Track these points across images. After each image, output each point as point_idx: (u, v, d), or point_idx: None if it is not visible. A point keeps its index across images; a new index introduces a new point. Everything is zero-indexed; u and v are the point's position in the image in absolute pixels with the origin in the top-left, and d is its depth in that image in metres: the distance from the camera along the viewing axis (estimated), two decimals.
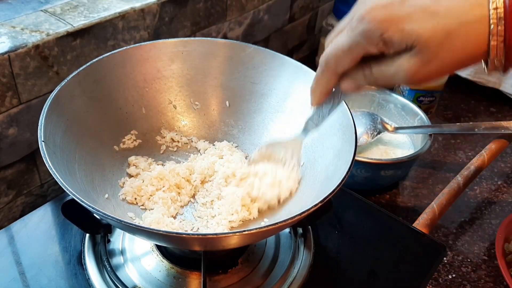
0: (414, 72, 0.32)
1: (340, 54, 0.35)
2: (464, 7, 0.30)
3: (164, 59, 0.59)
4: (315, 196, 0.48)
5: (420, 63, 0.31)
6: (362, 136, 0.75)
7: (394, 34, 0.31)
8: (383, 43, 0.32)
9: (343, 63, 0.36)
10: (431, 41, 0.30)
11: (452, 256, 0.66)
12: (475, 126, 0.75)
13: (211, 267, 0.51)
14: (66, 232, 0.55)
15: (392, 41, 0.32)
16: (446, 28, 0.30)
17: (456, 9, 0.30)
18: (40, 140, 0.43)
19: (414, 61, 0.31)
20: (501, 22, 0.29)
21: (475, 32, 0.30)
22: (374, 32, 0.32)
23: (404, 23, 0.30)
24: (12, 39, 0.56)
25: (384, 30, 0.31)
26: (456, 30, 0.30)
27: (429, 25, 0.30)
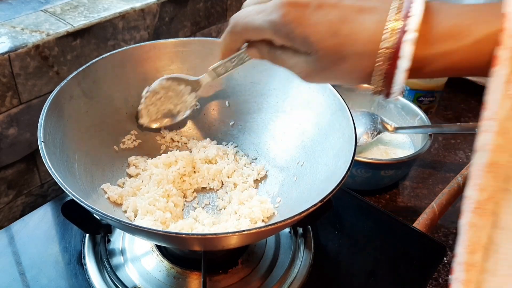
0: (306, 74, 0.35)
1: (248, 28, 0.36)
2: (362, 38, 0.31)
3: (164, 59, 0.59)
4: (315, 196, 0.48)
5: (312, 69, 0.34)
6: (362, 136, 0.75)
7: (297, 38, 0.33)
8: (287, 40, 0.34)
9: (248, 35, 0.38)
10: (325, 58, 0.32)
11: (452, 256, 0.66)
12: (475, 126, 0.75)
13: (211, 267, 0.51)
14: (66, 232, 0.55)
15: (294, 42, 0.33)
16: (341, 52, 0.32)
17: (355, 38, 0.31)
18: (39, 140, 0.43)
19: (307, 66, 0.34)
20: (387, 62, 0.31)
21: (363, 63, 0.32)
22: (281, 29, 0.33)
23: (309, 33, 0.32)
24: (12, 39, 0.56)
25: (290, 31, 0.33)
26: (348, 56, 0.32)
27: (328, 43, 0.32)
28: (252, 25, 0.36)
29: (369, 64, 0.31)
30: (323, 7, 0.32)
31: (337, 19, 0.32)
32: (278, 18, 0.33)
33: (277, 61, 0.37)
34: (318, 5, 0.32)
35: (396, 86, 0.32)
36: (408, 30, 0.30)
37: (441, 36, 0.30)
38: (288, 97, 0.59)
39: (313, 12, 0.32)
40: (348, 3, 0.32)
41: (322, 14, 0.32)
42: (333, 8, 0.32)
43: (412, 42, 0.30)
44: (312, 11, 0.32)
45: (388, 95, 0.33)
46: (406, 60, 0.30)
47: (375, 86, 0.33)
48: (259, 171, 0.58)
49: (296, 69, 0.36)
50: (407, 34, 0.30)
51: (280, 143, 0.58)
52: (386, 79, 0.32)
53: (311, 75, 0.35)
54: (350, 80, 0.34)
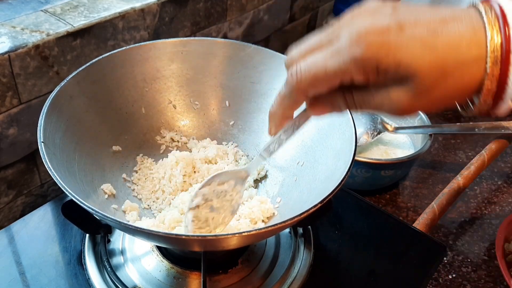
0: (404, 106, 0.31)
1: (321, 77, 0.31)
2: (462, 45, 0.29)
3: (164, 59, 0.59)
4: (315, 196, 0.48)
5: (412, 97, 0.30)
6: (362, 136, 0.75)
7: (390, 65, 0.29)
8: (375, 74, 0.30)
9: (320, 88, 0.32)
10: (427, 78, 0.29)
11: (452, 256, 0.65)
12: (475, 126, 0.75)
13: (211, 267, 0.51)
14: (66, 232, 0.55)
15: (386, 72, 0.29)
16: (443, 65, 0.29)
17: (454, 46, 0.29)
18: (39, 141, 0.43)
19: (406, 95, 0.30)
20: (497, 64, 0.28)
21: (470, 71, 0.29)
22: (369, 61, 0.29)
23: (402, 54, 0.29)
24: (12, 39, 0.56)
25: (381, 60, 0.29)
26: (452, 68, 0.29)
27: (426, 60, 0.29)
28: (326, 72, 0.30)
29: (477, 71, 0.29)
30: (406, 27, 0.29)
31: (427, 34, 0.29)
32: (361, 52, 0.29)
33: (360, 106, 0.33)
34: (399, 26, 0.29)
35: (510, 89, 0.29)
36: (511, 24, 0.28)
37: None
38: None
39: (398, 34, 0.29)
40: (428, 17, 0.29)
41: (409, 33, 0.29)
42: (416, 25, 0.29)
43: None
44: (397, 34, 0.29)
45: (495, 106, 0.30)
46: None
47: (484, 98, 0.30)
48: (259, 171, 0.58)
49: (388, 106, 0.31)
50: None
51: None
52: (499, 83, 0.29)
53: (408, 106, 0.30)
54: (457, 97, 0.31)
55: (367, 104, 0.32)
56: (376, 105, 0.32)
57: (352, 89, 0.32)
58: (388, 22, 0.29)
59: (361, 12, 0.31)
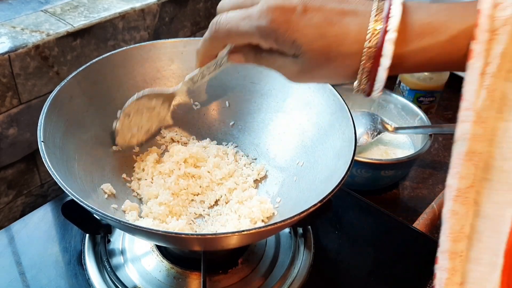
0: (293, 75, 0.37)
1: (232, 33, 0.37)
2: (347, 39, 0.33)
3: (164, 59, 0.59)
4: (315, 196, 0.48)
5: (300, 70, 0.36)
6: (362, 136, 0.75)
7: (286, 42, 0.34)
8: (275, 44, 0.35)
9: (231, 40, 0.39)
10: (314, 59, 0.34)
11: None
12: None
13: (211, 267, 0.51)
14: (66, 232, 0.55)
15: (282, 45, 0.35)
16: (328, 53, 0.33)
17: (341, 39, 0.33)
18: (39, 140, 0.43)
19: (295, 67, 0.36)
20: (370, 60, 0.33)
21: (348, 63, 0.34)
22: (270, 33, 0.34)
23: (298, 36, 0.34)
24: (12, 39, 0.56)
25: (279, 35, 0.34)
26: (334, 57, 0.34)
27: (316, 45, 0.33)
28: (237, 31, 0.37)
29: (354, 63, 0.33)
30: (309, 11, 0.34)
31: (323, 22, 0.33)
32: (266, 23, 0.34)
33: (263, 63, 0.39)
34: (304, 9, 0.34)
35: (378, 83, 0.34)
36: (389, 30, 0.32)
37: (418, 33, 0.32)
38: (288, 97, 0.59)
39: (299, 16, 0.34)
40: (331, 6, 0.34)
41: (309, 17, 0.33)
42: (318, 11, 0.34)
43: (392, 42, 0.32)
44: (299, 16, 0.34)
45: (370, 92, 0.35)
46: (388, 58, 0.32)
47: (358, 83, 0.34)
48: (259, 171, 0.58)
49: (283, 70, 0.37)
50: (388, 34, 0.32)
51: (280, 143, 0.58)
52: (370, 76, 0.34)
53: (298, 76, 0.37)
54: (335, 79, 0.36)
55: (271, 64, 0.38)
56: (277, 67, 0.38)
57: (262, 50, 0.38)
58: (295, 3, 0.34)
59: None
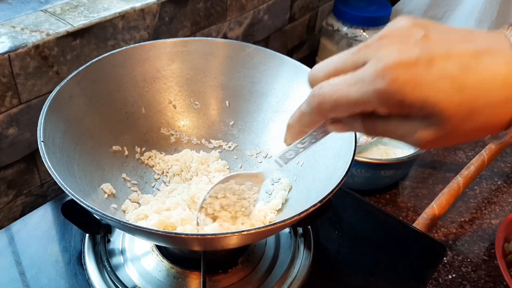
0: (429, 142, 0.29)
1: (342, 103, 0.30)
2: (494, 84, 0.27)
3: (164, 59, 0.59)
4: (315, 196, 0.48)
5: (436, 135, 0.29)
6: (362, 136, 0.75)
7: (415, 102, 0.27)
8: (399, 108, 0.28)
9: (341, 112, 0.31)
10: (454, 117, 0.27)
11: (452, 256, 0.65)
12: None
13: (211, 267, 0.51)
14: (66, 232, 0.55)
15: (410, 108, 0.28)
16: (472, 107, 0.27)
17: (486, 86, 0.27)
18: (39, 140, 0.43)
19: (430, 132, 0.29)
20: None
21: (501, 112, 0.28)
22: (394, 96, 0.27)
23: (429, 92, 0.27)
24: (12, 39, 0.56)
25: (405, 96, 0.27)
26: (482, 109, 0.27)
27: (455, 99, 0.27)
28: (347, 100, 0.29)
29: (506, 112, 0.27)
30: (436, 61, 0.27)
31: (458, 71, 0.27)
32: (386, 85, 0.27)
33: (378, 132, 0.32)
34: (429, 59, 0.27)
35: None
36: None
37: None
38: (288, 97, 0.59)
39: (426, 69, 0.27)
40: (460, 50, 0.28)
41: (439, 68, 0.27)
42: (447, 59, 0.27)
43: None
44: (426, 69, 0.27)
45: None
46: None
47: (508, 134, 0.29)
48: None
49: (410, 138, 0.30)
50: None
51: (280, 143, 0.58)
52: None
53: (436, 141, 0.29)
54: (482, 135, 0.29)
55: (388, 133, 0.31)
56: (398, 136, 0.31)
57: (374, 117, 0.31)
58: (417, 55, 0.27)
59: (390, 35, 0.29)
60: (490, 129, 0.29)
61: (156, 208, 0.50)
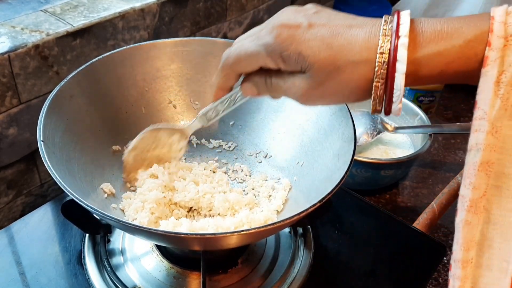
0: (302, 93, 0.36)
1: (241, 57, 0.37)
2: (355, 47, 0.33)
3: (164, 59, 0.59)
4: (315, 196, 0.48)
5: (308, 86, 0.35)
6: (362, 136, 0.75)
7: (291, 55, 0.34)
8: (281, 60, 0.35)
9: (242, 66, 0.39)
10: (321, 71, 0.34)
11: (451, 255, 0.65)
12: None
13: (211, 267, 0.51)
14: (66, 232, 0.55)
15: (289, 60, 0.35)
16: (335, 62, 0.33)
17: (349, 47, 0.33)
18: (39, 140, 0.43)
19: (304, 84, 0.35)
20: (384, 66, 0.32)
21: (360, 71, 0.33)
22: (275, 48, 0.35)
23: (302, 48, 0.34)
24: (12, 39, 0.56)
25: (284, 49, 0.34)
26: (343, 66, 0.33)
27: (322, 55, 0.33)
28: (244, 53, 0.37)
29: (366, 71, 0.33)
30: (314, 26, 0.34)
31: (329, 34, 0.34)
32: (271, 39, 0.35)
33: (273, 89, 0.38)
34: (309, 24, 0.34)
35: (397, 91, 0.33)
36: (401, 35, 0.32)
37: (432, 38, 0.32)
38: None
39: (305, 30, 0.34)
40: (337, 22, 0.34)
41: (314, 31, 0.34)
42: (324, 26, 0.34)
43: (406, 46, 0.32)
44: (304, 30, 0.34)
45: (389, 107, 0.34)
46: (403, 63, 0.32)
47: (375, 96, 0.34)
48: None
49: (292, 90, 0.37)
50: (401, 39, 0.32)
51: (280, 143, 0.58)
52: (386, 86, 0.33)
53: (308, 94, 0.36)
54: (347, 94, 0.35)
55: (280, 88, 0.37)
56: (285, 89, 0.37)
57: (272, 74, 0.38)
58: (301, 20, 0.34)
59: (289, 9, 0.37)
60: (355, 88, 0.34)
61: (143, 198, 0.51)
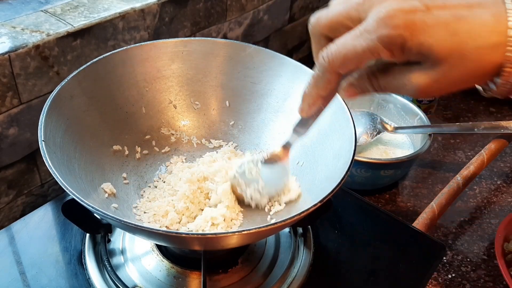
0: (424, 87, 0.32)
1: (351, 57, 0.32)
2: (482, 31, 0.30)
3: (164, 59, 0.59)
4: (315, 196, 0.48)
5: (431, 78, 0.31)
6: (361, 136, 0.75)
7: (414, 45, 0.30)
8: (400, 52, 0.31)
9: (350, 66, 0.34)
10: (447, 60, 0.30)
11: (451, 255, 0.66)
12: (475, 126, 0.75)
13: (211, 266, 0.51)
14: (66, 232, 0.55)
15: (409, 51, 0.31)
16: (462, 49, 0.30)
17: (476, 32, 0.30)
18: (40, 139, 0.43)
19: (425, 75, 0.32)
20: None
21: (490, 56, 0.30)
22: (396, 39, 0.30)
23: (425, 36, 0.30)
24: (12, 39, 0.56)
25: (406, 39, 0.30)
26: (472, 53, 0.30)
27: (448, 43, 0.30)
28: (355, 52, 0.32)
29: (495, 57, 0.30)
30: (432, 9, 0.30)
31: (451, 18, 0.30)
32: (388, 31, 0.30)
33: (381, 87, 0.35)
34: (426, 7, 0.30)
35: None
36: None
37: None
38: (288, 97, 0.59)
39: (424, 15, 0.30)
40: (454, 2, 0.31)
41: (434, 15, 0.30)
42: (442, 8, 0.30)
43: None
44: (423, 14, 0.30)
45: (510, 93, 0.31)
46: None
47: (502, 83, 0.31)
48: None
49: (409, 86, 0.33)
50: None
51: (280, 143, 0.58)
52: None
53: (427, 87, 0.32)
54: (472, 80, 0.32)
55: (389, 85, 0.34)
56: (399, 86, 0.33)
57: (377, 72, 0.34)
58: (415, 3, 0.30)
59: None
60: (480, 75, 0.31)
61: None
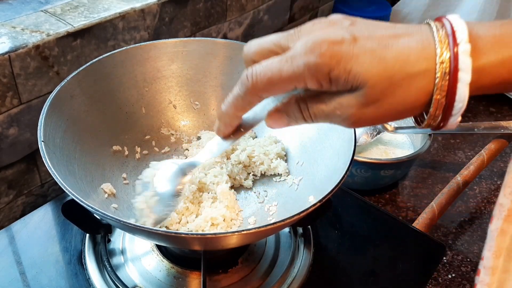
0: (354, 114, 0.31)
1: (275, 81, 0.32)
2: (410, 58, 0.29)
3: (164, 59, 0.59)
4: (314, 196, 0.48)
5: (360, 106, 0.31)
6: (361, 136, 0.75)
7: (341, 74, 0.30)
8: (328, 81, 0.31)
9: (274, 91, 0.33)
10: (375, 87, 0.30)
11: (451, 255, 0.66)
12: (475, 126, 0.75)
13: (211, 266, 0.51)
14: (66, 232, 0.55)
15: (337, 80, 0.30)
16: (390, 77, 0.30)
17: (403, 59, 0.29)
18: (39, 140, 0.43)
19: (356, 102, 0.31)
20: (446, 77, 0.29)
21: (419, 83, 0.30)
22: (322, 68, 0.30)
23: (352, 64, 0.29)
24: (12, 39, 0.56)
25: (332, 68, 0.30)
26: (400, 80, 0.30)
27: (375, 70, 0.29)
28: (280, 77, 0.31)
29: (424, 84, 0.30)
30: (359, 39, 0.30)
31: (378, 47, 0.30)
32: (315, 59, 0.30)
33: (311, 116, 0.33)
34: (353, 38, 0.30)
35: (459, 104, 0.30)
36: (460, 42, 0.29)
37: (492, 44, 0.29)
38: None
39: (351, 45, 0.30)
40: (380, 32, 0.31)
41: (361, 45, 0.30)
42: (369, 38, 0.30)
43: (468, 53, 0.29)
44: (350, 45, 0.30)
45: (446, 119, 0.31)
46: (467, 72, 0.29)
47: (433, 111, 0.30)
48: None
49: (339, 112, 0.32)
50: (461, 46, 0.29)
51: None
52: (448, 98, 0.30)
53: (359, 114, 0.31)
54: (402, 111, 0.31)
55: (321, 112, 0.33)
56: (329, 113, 0.32)
57: (307, 98, 0.33)
58: (343, 34, 0.30)
59: (321, 22, 0.32)
60: (413, 104, 0.31)
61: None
